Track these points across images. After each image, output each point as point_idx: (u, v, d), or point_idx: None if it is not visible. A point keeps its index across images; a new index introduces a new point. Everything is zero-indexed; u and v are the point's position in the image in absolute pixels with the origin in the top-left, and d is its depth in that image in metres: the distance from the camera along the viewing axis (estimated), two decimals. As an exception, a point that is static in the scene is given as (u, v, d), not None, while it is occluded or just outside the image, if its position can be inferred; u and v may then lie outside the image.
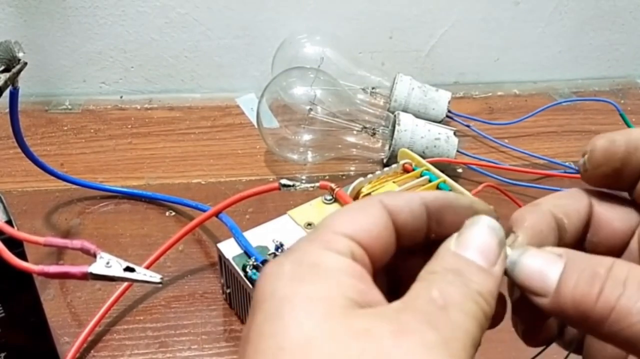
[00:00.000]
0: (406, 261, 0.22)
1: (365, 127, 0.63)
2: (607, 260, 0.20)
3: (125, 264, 0.31)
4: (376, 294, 0.19)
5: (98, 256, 0.31)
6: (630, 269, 0.19)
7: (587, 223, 0.24)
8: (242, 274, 0.42)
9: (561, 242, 0.23)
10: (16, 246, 0.32)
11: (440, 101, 0.68)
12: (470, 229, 0.21)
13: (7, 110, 0.43)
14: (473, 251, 0.20)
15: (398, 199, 0.21)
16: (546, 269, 0.20)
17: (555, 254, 0.20)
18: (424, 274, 0.19)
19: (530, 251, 0.21)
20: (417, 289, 0.19)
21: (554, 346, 0.25)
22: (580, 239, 0.24)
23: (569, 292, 0.19)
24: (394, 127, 0.61)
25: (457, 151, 0.62)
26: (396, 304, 0.18)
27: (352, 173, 0.64)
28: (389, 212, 0.21)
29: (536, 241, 0.22)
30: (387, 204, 0.21)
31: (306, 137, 0.62)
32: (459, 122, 0.69)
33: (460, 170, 0.64)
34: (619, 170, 0.23)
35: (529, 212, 0.23)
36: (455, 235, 0.21)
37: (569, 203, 0.24)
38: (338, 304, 0.18)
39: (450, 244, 0.20)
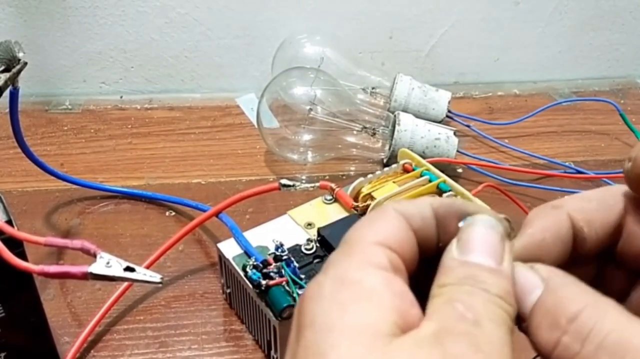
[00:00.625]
0: (422, 274, 0.21)
1: (365, 127, 0.63)
2: (575, 305, 0.18)
3: (125, 264, 0.31)
4: (416, 310, 0.18)
5: (98, 256, 0.31)
6: (599, 320, 0.17)
7: (618, 232, 0.22)
8: (242, 274, 0.42)
9: (581, 250, 0.22)
10: (16, 246, 0.32)
11: (440, 101, 0.68)
12: (468, 231, 0.20)
13: (7, 110, 0.43)
14: (478, 253, 0.19)
15: (409, 205, 0.21)
16: (524, 294, 0.19)
17: (538, 279, 0.19)
18: (437, 288, 0.19)
19: (516, 269, 0.20)
20: (438, 307, 0.18)
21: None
22: (608, 246, 0.22)
23: (532, 331, 0.19)
24: (394, 127, 0.61)
25: (457, 151, 0.62)
26: (429, 326, 0.18)
27: (352, 173, 0.64)
28: (404, 218, 0.21)
29: (534, 250, 0.21)
30: (400, 210, 0.21)
31: (306, 137, 0.62)
32: (459, 122, 0.69)
33: (460, 170, 0.64)
34: None
35: (541, 217, 0.22)
36: (454, 241, 0.20)
37: (596, 209, 0.22)
38: (381, 332, 0.17)
39: (453, 252, 0.20)
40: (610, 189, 0.23)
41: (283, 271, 0.40)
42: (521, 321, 0.19)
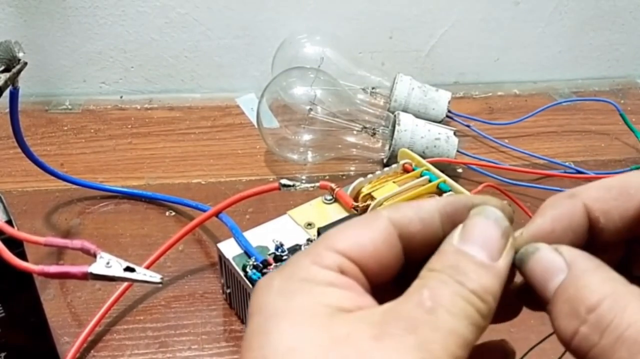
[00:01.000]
0: None
1: (365, 127, 0.63)
2: (596, 295, 0.17)
3: (125, 264, 0.31)
4: (367, 299, 0.19)
5: (98, 256, 0.31)
6: (619, 312, 0.17)
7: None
8: (242, 274, 0.42)
9: (600, 240, 0.21)
10: (16, 246, 0.32)
11: (440, 101, 0.68)
12: (471, 221, 0.20)
13: (7, 110, 0.43)
14: (474, 245, 0.19)
15: (406, 209, 0.21)
16: (547, 278, 0.19)
17: (562, 263, 0.19)
18: (424, 271, 0.19)
19: (540, 251, 0.19)
20: (412, 289, 0.18)
21: (554, 343, 0.24)
22: (632, 235, 0.21)
23: (553, 317, 0.18)
24: (394, 127, 0.61)
25: (457, 151, 0.62)
26: (386, 306, 0.18)
27: (352, 173, 0.64)
28: (396, 226, 0.20)
29: (542, 241, 0.20)
30: (393, 217, 0.21)
31: (306, 137, 0.62)
32: (459, 122, 0.69)
33: (460, 170, 0.64)
34: None
35: (554, 206, 0.21)
36: (459, 227, 0.20)
37: (615, 198, 0.21)
38: (321, 312, 0.18)
39: (454, 237, 0.20)
40: (633, 174, 0.22)
41: (283, 271, 0.40)
42: (544, 304, 0.19)
